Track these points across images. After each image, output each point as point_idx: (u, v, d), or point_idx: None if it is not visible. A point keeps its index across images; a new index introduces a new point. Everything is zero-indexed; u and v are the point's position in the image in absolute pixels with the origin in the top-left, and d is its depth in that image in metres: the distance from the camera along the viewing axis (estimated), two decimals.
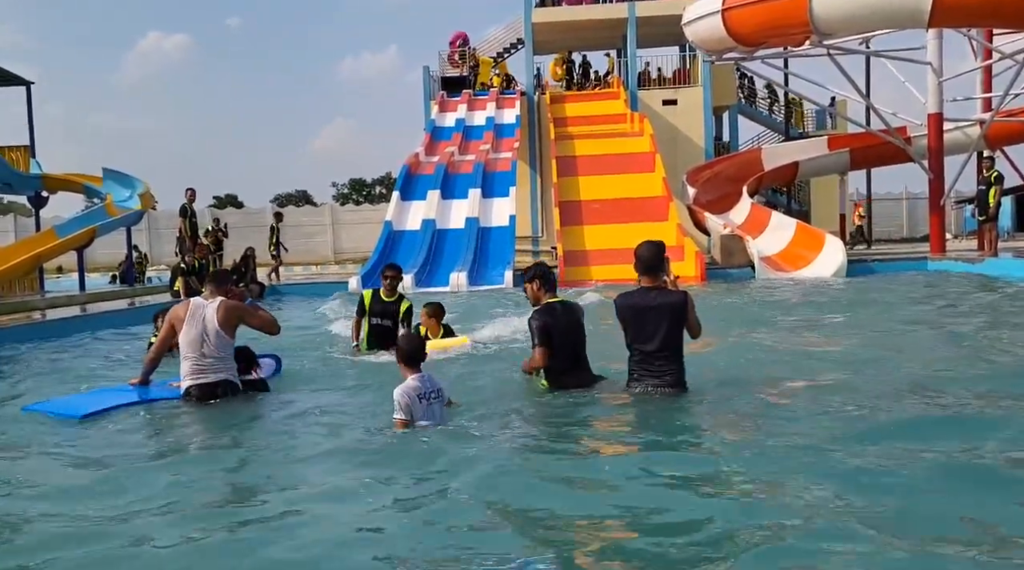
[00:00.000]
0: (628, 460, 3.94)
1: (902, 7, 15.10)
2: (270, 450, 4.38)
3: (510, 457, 3.95)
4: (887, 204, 35.71)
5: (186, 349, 5.54)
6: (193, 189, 16.90)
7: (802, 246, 16.73)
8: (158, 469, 4.09)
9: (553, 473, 3.68)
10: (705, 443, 4.21)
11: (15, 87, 19.11)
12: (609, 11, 25.35)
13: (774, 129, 29.66)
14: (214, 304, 5.62)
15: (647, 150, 20.32)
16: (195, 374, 5.50)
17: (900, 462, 3.64)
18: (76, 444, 4.66)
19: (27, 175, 18.45)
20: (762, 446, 3.99)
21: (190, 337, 5.51)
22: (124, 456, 4.35)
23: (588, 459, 4.02)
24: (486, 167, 20.20)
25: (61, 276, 26.74)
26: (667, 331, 4.81)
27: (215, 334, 5.52)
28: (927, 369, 5.92)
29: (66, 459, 4.35)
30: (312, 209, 42.61)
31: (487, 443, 4.19)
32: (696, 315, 4.95)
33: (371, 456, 4.13)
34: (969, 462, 3.67)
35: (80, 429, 4.99)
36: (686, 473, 3.63)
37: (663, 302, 4.81)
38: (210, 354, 5.51)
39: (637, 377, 4.93)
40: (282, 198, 57.21)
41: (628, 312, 4.91)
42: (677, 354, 4.90)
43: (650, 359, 4.86)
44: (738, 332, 8.25)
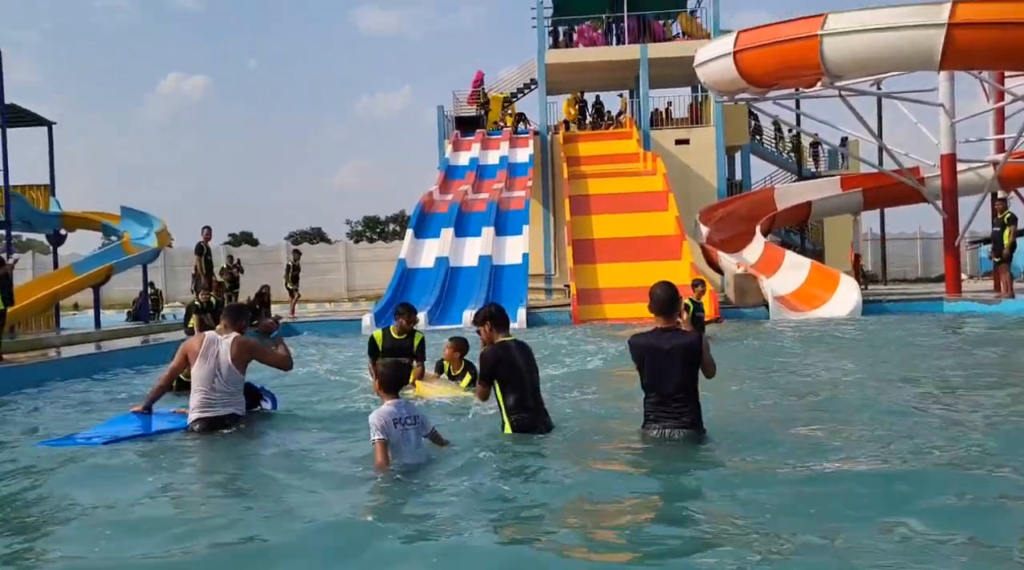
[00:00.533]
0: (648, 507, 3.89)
1: (914, 50, 15.25)
2: (260, 495, 4.28)
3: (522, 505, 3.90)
4: (901, 244, 35.57)
5: (198, 382, 5.64)
6: (209, 227, 17.04)
7: (817, 286, 16.66)
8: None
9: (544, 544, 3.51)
10: (725, 492, 4.13)
11: (38, 127, 19.45)
12: (621, 53, 25.67)
13: (787, 168, 29.76)
14: (228, 340, 5.72)
15: (660, 189, 20.41)
16: (204, 407, 5.59)
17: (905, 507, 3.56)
18: (90, 478, 4.68)
19: (46, 213, 18.71)
20: (785, 493, 3.92)
21: (203, 371, 5.63)
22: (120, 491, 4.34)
23: (625, 522, 3.93)
24: (499, 205, 20.32)
25: (77, 313, 26.93)
26: (682, 372, 4.80)
27: (227, 369, 5.64)
28: (953, 414, 5.83)
29: (77, 493, 4.33)
30: (326, 246, 42.84)
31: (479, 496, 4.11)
32: (710, 355, 4.93)
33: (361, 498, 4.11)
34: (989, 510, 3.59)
35: (93, 465, 4.98)
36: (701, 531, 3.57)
37: (678, 344, 4.80)
38: (220, 388, 5.62)
39: (654, 419, 4.90)
40: (296, 235, 57.65)
41: (643, 353, 4.89)
42: (693, 395, 4.88)
43: (667, 401, 4.85)
44: (753, 372, 8.18)
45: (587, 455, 4.91)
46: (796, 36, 16.22)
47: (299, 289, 20.42)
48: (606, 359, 9.89)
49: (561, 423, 5.60)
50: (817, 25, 15.86)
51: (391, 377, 4.72)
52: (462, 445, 5.07)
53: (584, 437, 5.39)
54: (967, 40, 14.92)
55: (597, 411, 6.40)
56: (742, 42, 17.22)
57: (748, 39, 17.19)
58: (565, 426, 5.59)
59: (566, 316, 16.51)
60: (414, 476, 4.39)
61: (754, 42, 17.02)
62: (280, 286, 20.65)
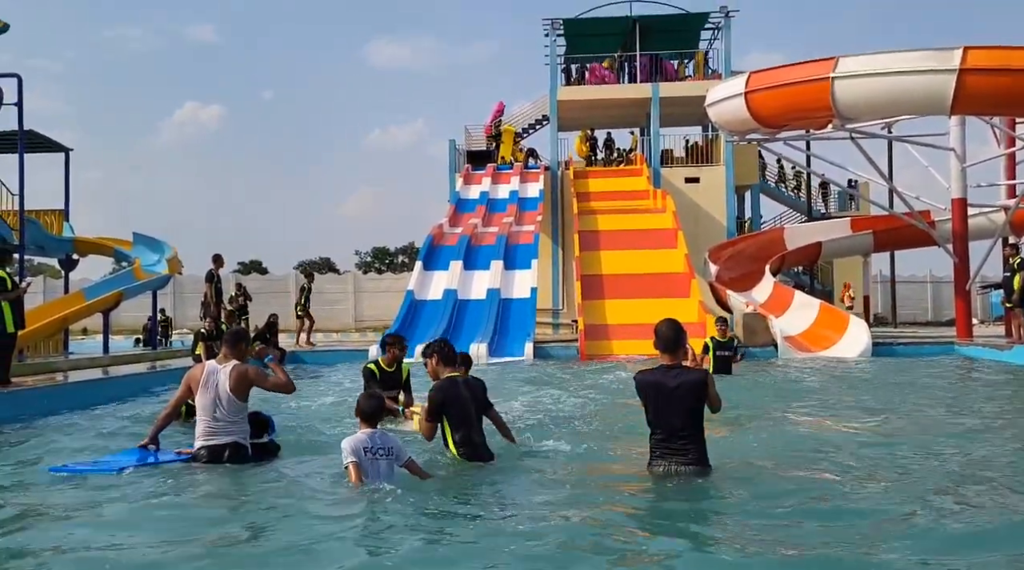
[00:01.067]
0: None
1: (925, 95, 15.33)
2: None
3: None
4: (912, 287, 35.46)
5: (200, 412, 5.76)
6: (220, 255, 17.13)
7: (826, 327, 16.57)
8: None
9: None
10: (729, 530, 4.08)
11: (55, 153, 19.69)
12: (633, 91, 25.94)
13: (797, 209, 29.82)
14: (227, 369, 5.79)
15: (670, 226, 20.45)
16: (207, 436, 5.72)
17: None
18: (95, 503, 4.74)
19: (60, 238, 18.85)
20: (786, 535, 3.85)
21: (204, 401, 5.73)
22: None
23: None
24: (509, 240, 20.38)
25: (86, 338, 27.01)
26: (689, 409, 4.83)
27: (227, 399, 5.72)
28: (960, 459, 5.75)
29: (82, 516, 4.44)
30: (335, 277, 43.02)
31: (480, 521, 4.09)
32: (716, 391, 4.95)
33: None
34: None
35: (97, 490, 5.06)
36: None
37: (684, 381, 4.83)
38: (222, 418, 5.72)
39: (660, 455, 4.92)
40: (305, 265, 57.92)
41: (649, 390, 4.92)
42: (698, 432, 4.90)
43: (672, 438, 4.87)
44: (761, 412, 8.10)
45: (587, 489, 4.95)
46: (807, 78, 16.33)
47: (310, 315, 19.93)
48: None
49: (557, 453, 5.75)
50: (829, 68, 15.98)
51: (364, 408, 5.00)
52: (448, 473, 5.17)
53: (583, 469, 5.49)
54: (978, 86, 14.99)
55: (599, 444, 6.37)
56: (753, 83, 17.35)
57: (759, 80, 17.32)
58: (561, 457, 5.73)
59: (573, 351, 16.44)
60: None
61: (765, 83, 17.15)
62: (288, 314, 20.60)
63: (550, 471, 5.47)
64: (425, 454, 5.64)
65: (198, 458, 5.69)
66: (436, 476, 5.12)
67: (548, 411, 8.44)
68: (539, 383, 11.37)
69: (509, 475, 5.37)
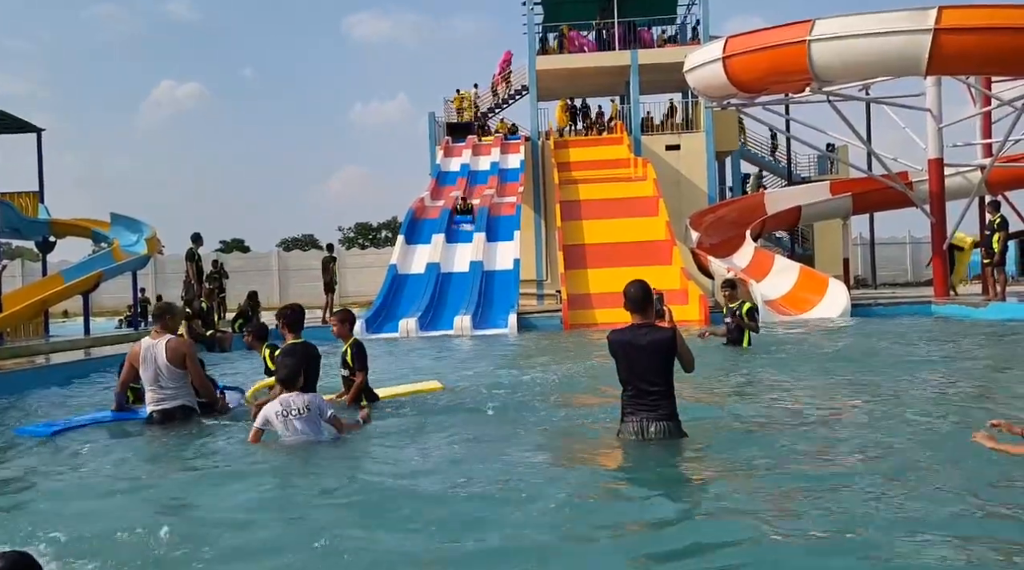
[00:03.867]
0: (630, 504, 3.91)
1: (900, 56, 15.36)
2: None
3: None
4: (890, 248, 35.74)
5: (147, 384, 6.41)
6: (199, 234, 17.01)
7: (806, 290, 16.73)
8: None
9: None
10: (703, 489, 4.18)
11: (27, 134, 19.40)
12: (612, 58, 25.79)
13: (777, 174, 29.90)
14: (161, 343, 6.36)
15: (650, 194, 20.47)
16: (156, 402, 6.36)
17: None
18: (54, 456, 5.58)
19: (35, 220, 18.64)
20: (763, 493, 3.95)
21: (148, 375, 6.36)
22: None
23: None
24: (491, 211, 20.34)
25: (67, 320, 26.80)
26: (659, 367, 4.96)
27: (167, 369, 6.33)
28: (931, 412, 5.89)
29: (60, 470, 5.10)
30: (318, 253, 42.73)
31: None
32: (687, 348, 5.06)
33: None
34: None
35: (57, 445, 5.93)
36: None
37: (653, 339, 4.96)
38: (166, 386, 6.34)
39: (632, 411, 5.04)
40: (288, 242, 57.52)
41: (620, 348, 5.05)
42: (669, 388, 5.03)
43: (643, 394, 5.00)
44: (738, 373, 8.22)
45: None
46: (784, 41, 16.31)
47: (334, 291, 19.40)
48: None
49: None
50: (805, 30, 15.96)
51: (280, 377, 5.53)
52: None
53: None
54: (953, 45, 15.04)
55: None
56: (731, 47, 17.31)
57: (737, 44, 17.28)
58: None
59: (557, 321, 16.53)
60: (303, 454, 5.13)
61: (743, 47, 17.12)
62: (270, 292, 20.51)
63: (525, 430, 5.73)
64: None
65: (153, 421, 6.31)
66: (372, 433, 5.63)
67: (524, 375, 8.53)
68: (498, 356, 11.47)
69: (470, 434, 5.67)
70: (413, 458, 5.04)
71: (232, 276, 23.37)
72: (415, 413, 6.60)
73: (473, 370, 9.61)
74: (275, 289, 35.47)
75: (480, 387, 7.99)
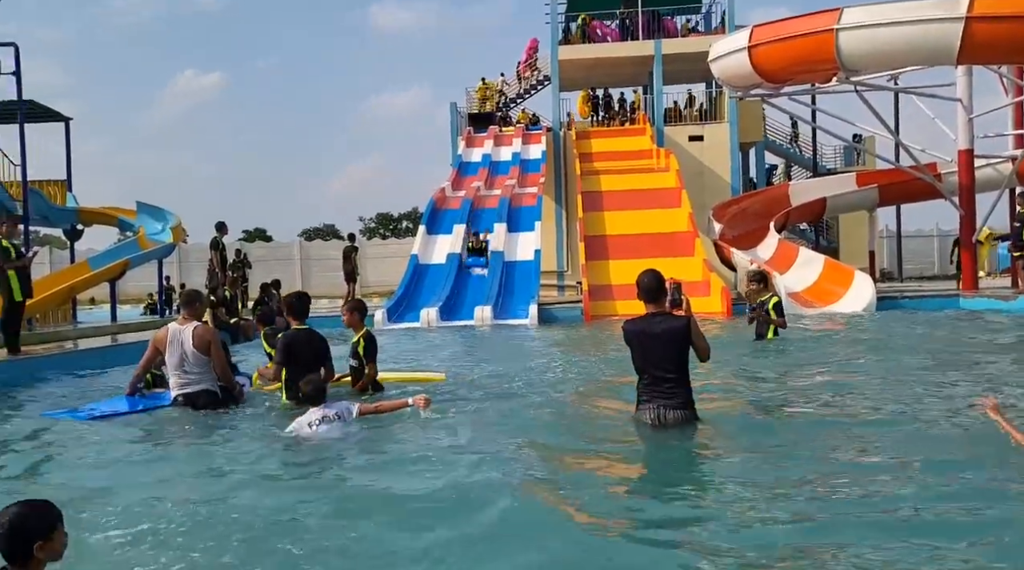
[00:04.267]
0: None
1: (931, 44, 15.09)
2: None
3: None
4: (918, 241, 35.24)
5: (171, 368, 6.55)
6: (224, 222, 17.14)
7: (831, 282, 16.54)
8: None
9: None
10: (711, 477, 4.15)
11: (55, 123, 19.62)
12: (635, 48, 25.59)
13: (802, 165, 29.58)
14: (189, 329, 6.52)
15: (673, 185, 20.33)
16: (181, 386, 6.52)
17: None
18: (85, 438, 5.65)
19: (63, 209, 18.88)
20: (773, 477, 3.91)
21: (173, 360, 6.51)
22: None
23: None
24: (512, 202, 20.31)
25: (94, 307, 27.16)
26: (673, 355, 5.00)
27: (192, 355, 6.49)
28: (952, 405, 5.80)
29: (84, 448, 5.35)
30: (339, 242, 42.94)
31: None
32: (702, 337, 5.08)
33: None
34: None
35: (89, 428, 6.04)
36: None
37: (667, 327, 5.00)
38: (191, 371, 6.51)
39: (647, 399, 5.10)
40: (310, 232, 57.81)
41: (634, 337, 5.11)
42: (684, 376, 5.08)
43: (658, 382, 5.05)
44: (758, 365, 8.15)
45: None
46: (811, 30, 16.08)
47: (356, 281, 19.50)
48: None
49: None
50: (833, 19, 15.73)
51: (308, 394, 5.67)
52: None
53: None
54: (985, 34, 14.74)
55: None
56: (756, 37, 17.10)
57: (763, 34, 17.07)
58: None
59: (578, 312, 16.49)
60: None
61: (769, 37, 16.90)
62: (292, 282, 20.62)
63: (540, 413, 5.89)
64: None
65: (177, 403, 6.48)
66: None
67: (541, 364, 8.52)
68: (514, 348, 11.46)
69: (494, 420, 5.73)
70: (432, 443, 5.08)
71: (254, 265, 23.56)
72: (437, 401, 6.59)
73: (491, 359, 9.61)
74: (297, 278, 35.67)
75: (498, 376, 7.99)
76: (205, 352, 6.51)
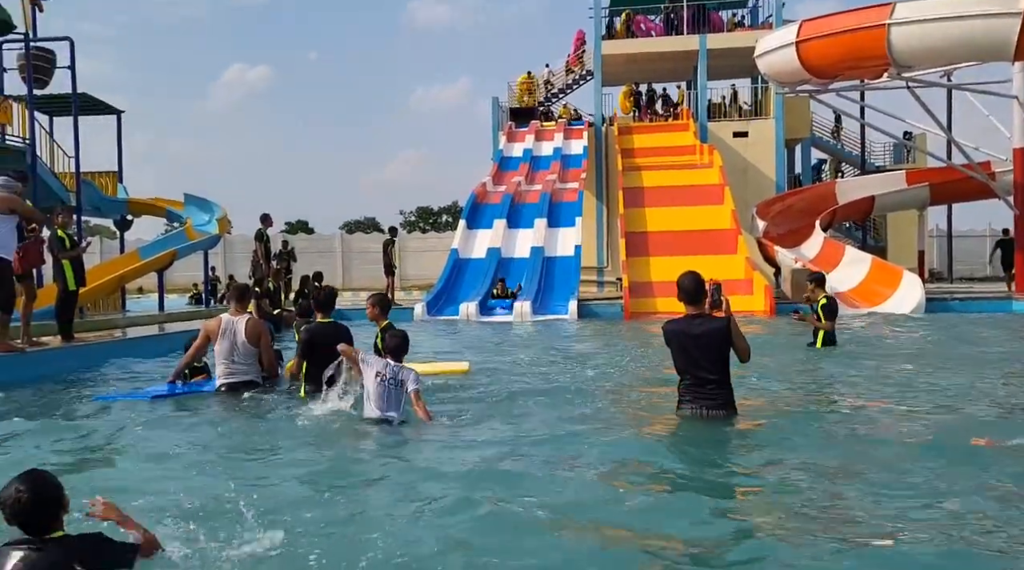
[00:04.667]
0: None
1: (987, 39, 14.69)
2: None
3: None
4: (970, 241, 34.29)
5: (220, 357, 6.71)
6: (269, 214, 17.37)
7: (878, 282, 16.22)
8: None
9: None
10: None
11: (106, 115, 20.08)
12: (680, 43, 25.32)
13: (849, 162, 29.01)
14: (242, 320, 6.75)
15: (716, 182, 20.10)
16: (227, 375, 6.70)
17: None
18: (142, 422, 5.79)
19: (114, 199, 19.33)
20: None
21: (223, 348, 6.68)
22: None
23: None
24: (552, 197, 20.27)
25: (141, 296, 27.80)
26: (713, 356, 5.04)
27: (243, 345, 6.69)
28: (1000, 410, 5.64)
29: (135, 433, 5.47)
30: (379, 236, 43.31)
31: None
32: (743, 338, 5.07)
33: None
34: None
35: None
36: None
37: (707, 329, 5.03)
38: (240, 360, 6.70)
39: (690, 399, 5.15)
40: (351, 225, 58.37)
41: (674, 338, 5.16)
42: (725, 377, 5.11)
43: (700, 383, 5.09)
44: (798, 365, 8.02)
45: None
46: (862, 25, 15.77)
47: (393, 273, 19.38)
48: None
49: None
50: (885, 14, 15.39)
51: (391, 346, 5.66)
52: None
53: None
54: None
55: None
56: (805, 32, 16.82)
57: (812, 29, 16.78)
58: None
59: (618, 309, 16.40)
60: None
61: (818, 32, 16.61)
62: (333, 274, 20.84)
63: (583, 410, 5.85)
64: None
65: (222, 392, 6.63)
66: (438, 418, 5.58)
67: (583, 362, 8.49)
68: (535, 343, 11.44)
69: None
70: (469, 437, 5.13)
71: (297, 257, 23.84)
72: (469, 399, 6.60)
73: (527, 354, 9.61)
74: (338, 270, 36.09)
75: (537, 370, 8.00)
76: (256, 343, 6.71)
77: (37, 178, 14.03)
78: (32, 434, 5.39)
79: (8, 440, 5.24)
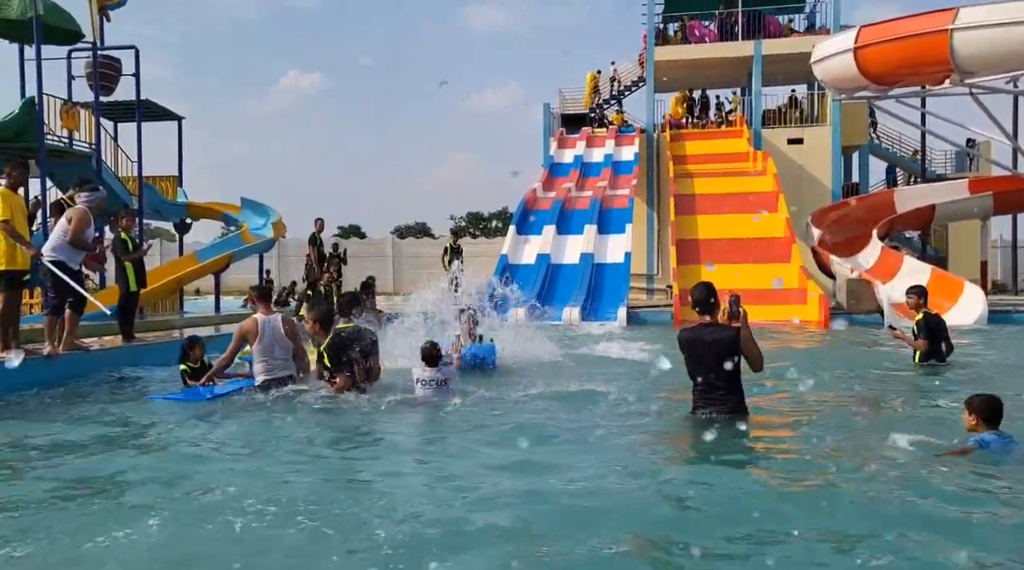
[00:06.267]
0: None
1: None
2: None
3: None
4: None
5: (259, 355, 7.04)
6: (322, 219, 17.67)
7: (938, 293, 15.71)
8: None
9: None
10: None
11: (168, 122, 20.66)
12: (734, 49, 25.02)
13: (909, 170, 28.25)
14: (277, 319, 7.18)
15: (770, 190, 19.79)
16: (268, 372, 7.03)
17: None
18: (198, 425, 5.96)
19: (174, 203, 19.88)
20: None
21: (263, 346, 7.02)
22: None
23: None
24: (603, 204, 20.21)
25: (198, 298, 28.51)
26: (724, 363, 5.20)
27: (282, 340, 7.09)
28: None
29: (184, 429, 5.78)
30: (430, 241, 43.71)
31: None
32: (755, 347, 5.18)
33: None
34: None
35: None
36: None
37: (717, 337, 5.24)
38: (278, 356, 7.06)
39: (702, 404, 5.36)
40: (402, 230, 58.96)
41: (687, 345, 5.37)
42: (736, 383, 5.29)
43: (711, 389, 5.30)
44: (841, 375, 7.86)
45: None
46: (924, 31, 15.37)
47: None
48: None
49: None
50: (948, 19, 14.98)
51: (424, 355, 6.67)
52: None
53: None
54: None
55: None
56: (864, 38, 16.46)
57: (870, 34, 16.41)
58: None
59: (667, 316, 16.25)
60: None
61: (877, 38, 16.24)
62: (385, 279, 21.09)
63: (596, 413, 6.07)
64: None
65: (266, 387, 6.91)
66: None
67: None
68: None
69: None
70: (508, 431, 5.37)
71: (349, 261, 24.17)
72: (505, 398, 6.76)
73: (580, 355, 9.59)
74: (389, 275, 36.50)
75: (592, 376, 7.98)
76: (292, 338, 7.14)
77: (102, 182, 14.52)
78: (103, 425, 5.72)
79: (70, 432, 5.47)
